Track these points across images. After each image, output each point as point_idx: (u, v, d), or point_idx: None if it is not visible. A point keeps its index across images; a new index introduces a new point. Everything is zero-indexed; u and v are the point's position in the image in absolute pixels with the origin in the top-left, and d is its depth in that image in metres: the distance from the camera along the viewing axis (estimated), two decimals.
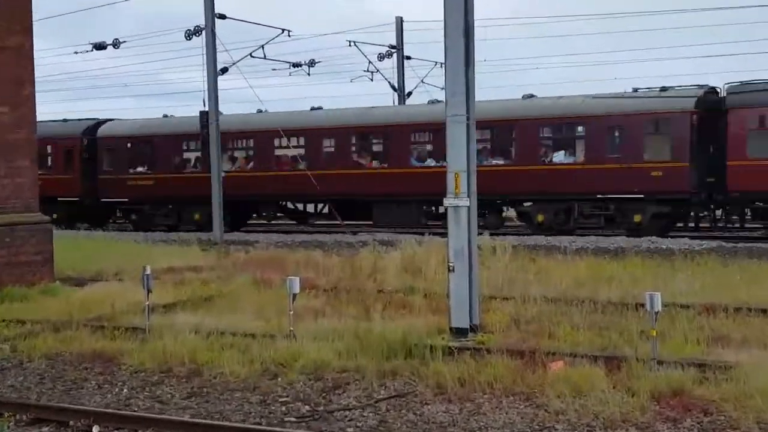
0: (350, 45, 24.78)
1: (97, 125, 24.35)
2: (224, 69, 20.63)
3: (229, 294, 11.96)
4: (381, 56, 25.48)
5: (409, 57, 26.40)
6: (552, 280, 12.13)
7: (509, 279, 12.27)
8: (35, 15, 12.94)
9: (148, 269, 9.13)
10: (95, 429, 6.02)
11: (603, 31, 43.12)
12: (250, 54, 21.88)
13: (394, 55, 25.85)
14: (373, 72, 25.54)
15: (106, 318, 10.11)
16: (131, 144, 24.32)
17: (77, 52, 24.75)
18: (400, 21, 26.11)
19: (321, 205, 23.64)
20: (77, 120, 25.05)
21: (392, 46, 26.06)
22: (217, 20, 19.77)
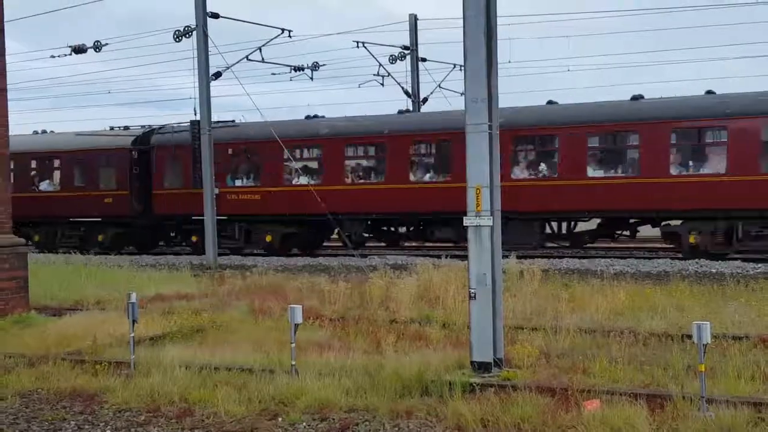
0: (358, 46, 22.81)
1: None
2: (217, 73, 19.36)
3: (224, 325, 11.42)
4: (393, 58, 23.19)
5: (425, 59, 24.25)
6: (587, 309, 11.43)
7: (538, 307, 11.67)
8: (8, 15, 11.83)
9: (134, 297, 8.55)
10: None
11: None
12: (247, 57, 20.31)
13: (408, 57, 23.66)
14: (384, 76, 23.50)
15: (87, 352, 9.48)
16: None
17: (54, 56, 22.71)
18: (414, 19, 23.89)
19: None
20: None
21: (405, 47, 23.77)
22: (210, 20, 18.36)
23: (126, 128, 24.27)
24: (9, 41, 12.02)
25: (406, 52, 23.60)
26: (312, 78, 23.30)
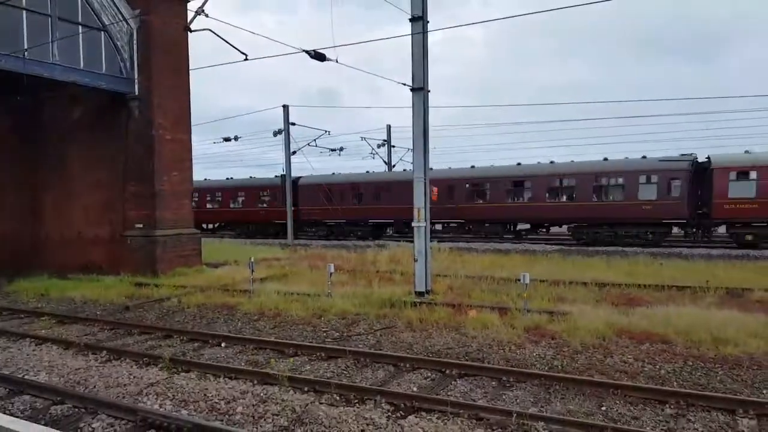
0: (362, 139, 40.95)
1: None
2: (294, 152, 33.83)
3: (295, 273, 16.63)
4: (379, 145, 41.58)
5: (394, 146, 42.77)
6: (470, 266, 16.17)
7: (447, 265, 16.32)
8: (192, 121, 19.44)
9: (252, 259, 14.02)
10: (223, 344, 9.55)
11: None
12: (308, 144, 36.01)
13: (386, 145, 42.05)
14: (374, 154, 41.44)
15: (230, 285, 14.82)
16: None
17: (215, 142, 45.02)
18: (389, 127, 42.73)
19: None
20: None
21: (384, 140, 42.17)
22: (291, 126, 33.05)
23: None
24: (193, 135, 19.84)
25: (385, 143, 41.97)
26: (339, 154, 39.92)
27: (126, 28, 18.02)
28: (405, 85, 12.61)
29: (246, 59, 13.17)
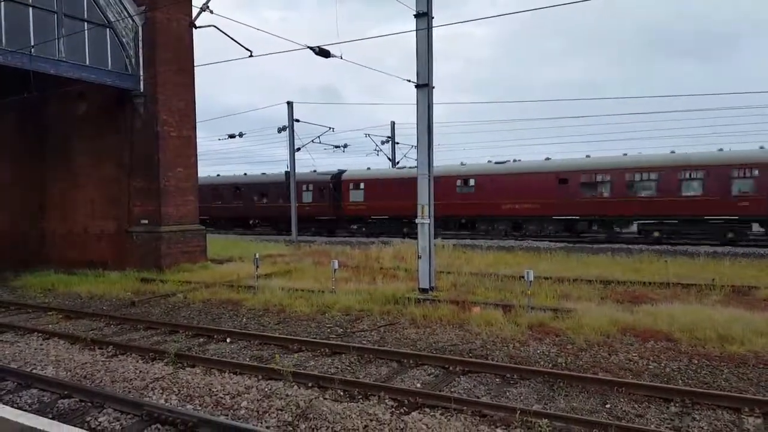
0: (366, 136, 40.43)
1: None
2: (298, 148, 33.63)
3: (300, 269, 16.78)
4: (383, 142, 41.68)
5: (398, 142, 42.72)
6: (474, 263, 16.26)
7: (450, 262, 16.39)
8: (197, 118, 19.54)
9: (257, 255, 14.12)
10: (228, 340, 9.62)
11: None
12: (312, 140, 35.27)
13: (390, 142, 42.19)
14: (378, 151, 41.23)
15: (234, 281, 14.87)
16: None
17: (220, 139, 48.65)
18: (393, 123, 42.85)
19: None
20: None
21: (389, 137, 42.14)
22: (295, 123, 32.74)
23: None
24: (198, 131, 19.89)
25: (389, 139, 42.03)
26: (344, 151, 39.62)
27: (131, 25, 18.06)
28: (410, 82, 12.61)
29: (251, 56, 13.19)
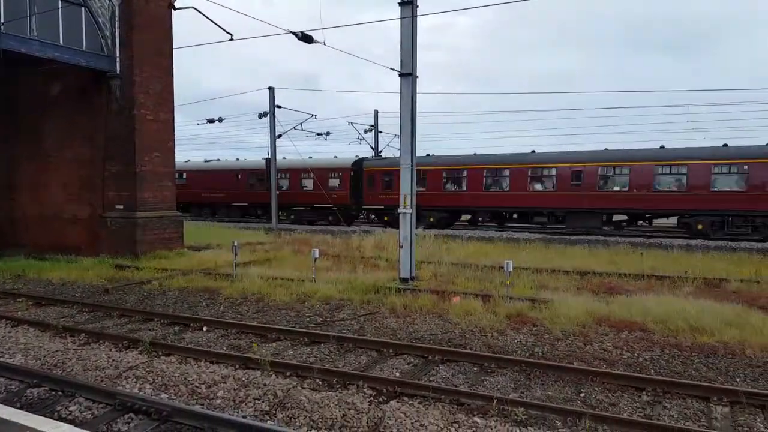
0: (349, 124, 39.19)
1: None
2: (280, 135, 32.07)
3: (280, 257, 16.66)
4: (366, 131, 40.46)
5: (381, 131, 41.61)
6: (455, 253, 16.40)
7: (431, 252, 16.48)
8: (176, 102, 18.99)
9: (236, 242, 13.92)
10: (204, 328, 9.49)
11: None
12: (294, 127, 33.99)
13: (373, 130, 41.02)
14: (361, 139, 40.43)
15: (212, 269, 14.71)
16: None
17: (198, 124, 45.02)
18: (376, 112, 42.01)
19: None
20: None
21: (372, 126, 40.99)
22: (276, 108, 31.65)
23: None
24: (176, 115, 19.33)
25: (372, 128, 40.78)
26: (326, 139, 38.60)
27: (108, 5, 17.55)
28: (393, 70, 12.52)
29: (231, 39, 12.93)
